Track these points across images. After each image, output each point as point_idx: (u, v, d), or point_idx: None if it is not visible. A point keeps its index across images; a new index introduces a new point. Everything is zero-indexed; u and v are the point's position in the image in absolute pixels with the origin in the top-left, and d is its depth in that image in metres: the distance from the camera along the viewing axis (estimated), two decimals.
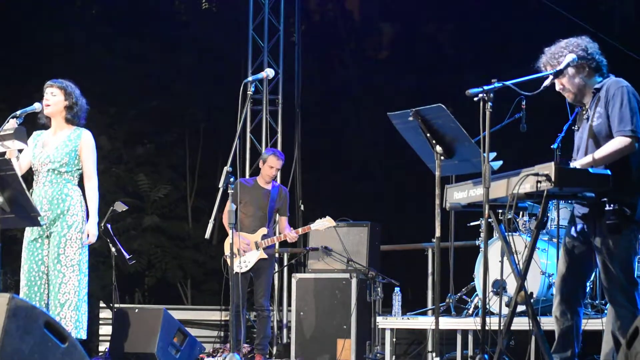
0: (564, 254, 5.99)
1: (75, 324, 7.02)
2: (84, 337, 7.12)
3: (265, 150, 10.26)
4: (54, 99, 7.28)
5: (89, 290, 7.25)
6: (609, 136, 5.70)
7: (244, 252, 9.41)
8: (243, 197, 9.42)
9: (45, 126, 7.37)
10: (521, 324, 6.82)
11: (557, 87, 5.94)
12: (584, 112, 5.93)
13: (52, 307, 7.00)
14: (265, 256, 9.53)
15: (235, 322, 8.62)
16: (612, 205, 5.65)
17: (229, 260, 8.06)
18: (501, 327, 5.78)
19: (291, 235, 9.58)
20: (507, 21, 13.87)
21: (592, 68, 5.87)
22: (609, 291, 5.79)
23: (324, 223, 9.55)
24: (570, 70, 5.86)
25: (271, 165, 9.63)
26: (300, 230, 9.70)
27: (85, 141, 7.29)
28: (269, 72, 7.44)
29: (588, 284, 8.17)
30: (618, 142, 5.65)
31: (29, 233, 7.19)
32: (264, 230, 9.56)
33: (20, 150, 7.19)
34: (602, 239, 5.70)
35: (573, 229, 5.95)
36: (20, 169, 7.17)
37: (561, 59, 5.85)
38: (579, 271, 5.97)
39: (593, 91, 5.86)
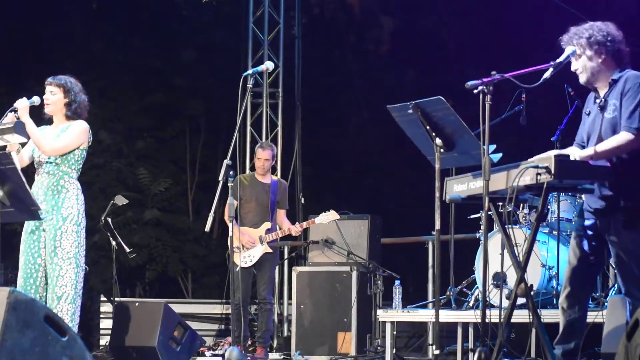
0: (574, 246, 5.95)
1: (71, 317, 7.01)
2: (76, 331, 7.10)
3: None
4: (53, 97, 7.25)
5: (90, 284, 7.25)
6: None
7: (248, 249, 9.43)
8: (243, 193, 9.43)
9: (50, 121, 7.35)
10: (521, 316, 6.82)
11: (573, 68, 5.89)
12: (598, 100, 5.87)
13: (50, 300, 6.99)
14: (270, 250, 9.56)
15: (238, 318, 8.62)
16: (627, 201, 5.63)
17: (234, 256, 8.08)
18: (501, 320, 5.78)
19: (296, 229, 9.61)
20: (508, 14, 13.85)
21: (609, 55, 5.81)
22: (626, 285, 5.77)
23: (328, 216, 9.57)
24: (588, 53, 5.81)
25: (259, 157, 9.69)
26: (304, 224, 9.72)
27: (73, 125, 7.22)
28: (268, 65, 7.43)
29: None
30: (621, 137, 5.61)
31: (26, 225, 7.18)
32: (267, 225, 9.58)
33: (23, 145, 7.19)
34: (617, 235, 5.67)
35: (584, 222, 5.91)
36: (22, 162, 7.16)
37: (581, 40, 5.82)
38: (590, 264, 5.93)
39: (610, 82, 5.81)
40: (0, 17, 14.14)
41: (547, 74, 5.77)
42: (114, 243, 9.89)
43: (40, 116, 7.34)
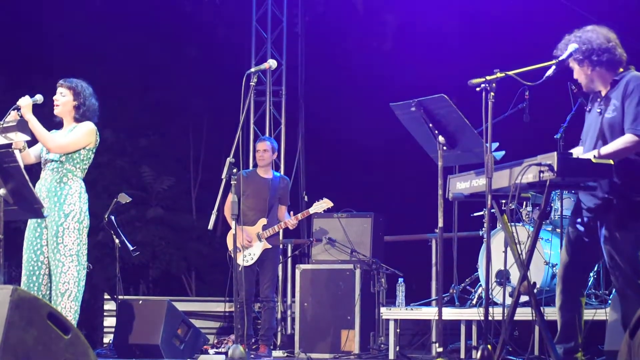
0: (567, 244, 5.98)
1: (74, 315, 7.01)
2: None
3: None
4: (62, 99, 7.27)
5: (93, 282, 7.24)
6: (622, 131, 5.68)
7: (246, 248, 9.43)
8: (244, 189, 9.41)
9: (61, 125, 7.37)
10: (524, 314, 6.81)
11: (575, 75, 5.92)
12: (599, 99, 5.88)
13: (54, 297, 7.00)
14: (269, 246, 9.55)
15: (241, 315, 8.62)
16: (620, 201, 5.64)
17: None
18: (504, 318, 5.79)
19: (291, 222, 9.61)
20: (512, 12, 13.83)
21: (604, 63, 5.81)
22: (618, 284, 5.79)
23: (322, 205, 9.58)
24: (585, 63, 5.82)
25: (257, 149, 9.72)
26: (299, 215, 9.72)
27: (80, 125, 7.23)
28: (271, 63, 7.44)
29: (591, 274, 8.17)
30: (627, 139, 5.62)
31: (29, 222, 7.18)
32: (263, 221, 9.57)
33: (31, 144, 7.20)
34: (610, 233, 5.69)
35: (578, 219, 5.93)
36: (28, 160, 7.19)
37: (577, 54, 5.82)
38: (582, 261, 5.97)
39: (611, 81, 5.82)
40: (2, 16, 14.15)
41: (549, 72, 5.78)
42: (117, 241, 9.90)
43: (50, 119, 7.36)
